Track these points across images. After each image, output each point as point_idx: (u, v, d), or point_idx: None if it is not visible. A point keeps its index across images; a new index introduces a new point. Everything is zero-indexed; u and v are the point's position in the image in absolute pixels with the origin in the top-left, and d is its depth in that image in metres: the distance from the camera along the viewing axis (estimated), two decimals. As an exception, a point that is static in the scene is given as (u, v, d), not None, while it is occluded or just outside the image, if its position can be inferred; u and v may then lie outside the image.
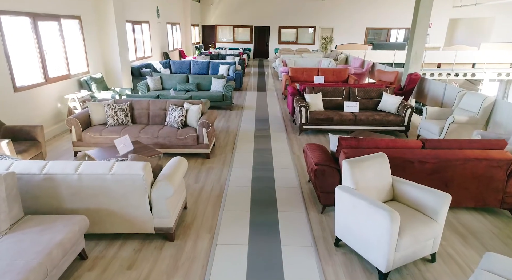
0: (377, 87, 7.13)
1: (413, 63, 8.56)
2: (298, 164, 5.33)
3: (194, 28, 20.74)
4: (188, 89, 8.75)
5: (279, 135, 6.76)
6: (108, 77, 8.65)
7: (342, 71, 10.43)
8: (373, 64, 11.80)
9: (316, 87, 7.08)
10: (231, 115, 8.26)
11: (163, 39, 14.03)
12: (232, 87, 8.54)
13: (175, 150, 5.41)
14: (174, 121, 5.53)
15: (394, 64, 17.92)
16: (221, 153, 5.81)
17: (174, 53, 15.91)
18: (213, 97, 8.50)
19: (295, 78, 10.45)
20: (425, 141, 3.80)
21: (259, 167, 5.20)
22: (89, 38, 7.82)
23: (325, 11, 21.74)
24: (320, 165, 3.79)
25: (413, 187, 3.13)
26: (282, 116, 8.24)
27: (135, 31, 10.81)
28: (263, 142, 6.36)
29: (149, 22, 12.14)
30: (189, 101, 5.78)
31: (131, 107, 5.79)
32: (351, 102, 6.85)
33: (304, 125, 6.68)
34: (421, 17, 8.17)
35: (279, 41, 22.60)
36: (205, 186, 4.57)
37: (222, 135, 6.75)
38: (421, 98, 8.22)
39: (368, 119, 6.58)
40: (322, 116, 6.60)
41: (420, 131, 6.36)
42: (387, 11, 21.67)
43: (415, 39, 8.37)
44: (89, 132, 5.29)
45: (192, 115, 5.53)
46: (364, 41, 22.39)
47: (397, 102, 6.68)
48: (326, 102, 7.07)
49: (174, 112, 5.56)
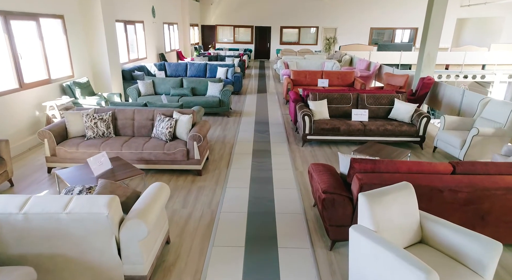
0: (388, 93, 6.48)
1: (426, 66, 7.91)
2: (302, 182, 4.69)
3: (193, 28, 20.13)
4: (183, 94, 8.12)
5: (280, 146, 6.12)
6: (96, 82, 8.02)
7: (347, 74, 9.78)
8: (380, 66, 11.14)
9: (321, 93, 6.43)
10: (228, 122, 7.62)
11: (159, 40, 13.42)
12: (229, 92, 7.91)
13: (162, 166, 4.78)
14: (162, 134, 4.90)
15: (400, 66, 17.27)
16: (215, 168, 5.17)
17: (171, 55, 15.29)
18: (209, 103, 7.87)
19: (298, 81, 9.81)
20: (456, 164, 3.15)
21: (257, 186, 4.56)
22: (74, 39, 7.20)
23: (328, 10, 21.09)
24: (329, 193, 3.15)
25: (450, 229, 2.48)
26: (284, 123, 7.60)
27: (127, 32, 10.19)
28: (262, 154, 5.72)
29: (143, 22, 11.52)
30: (179, 111, 5.15)
31: (114, 117, 5.16)
32: (359, 110, 6.20)
33: (307, 136, 6.04)
34: (435, 15, 7.51)
35: (280, 41, 21.96)
36: (194, 211, 3.93)
37: (218, 146, 6.11)
38: (435, 105, 7.56)
39: (378, 130, 5.93)
40: (328, 126, 5.96)
41: (437, 143, 5.71)
42: (392, 10, 20.99)
43: (428, 40, 7.71)
44: (64, 146, 4.66)
45: (181, 126, 4.90)
46: (369, 42, 21.73)
47: (411, 110, 6.03)
48: (331, 110, 6.42)
49: (161, 123, 4.93)
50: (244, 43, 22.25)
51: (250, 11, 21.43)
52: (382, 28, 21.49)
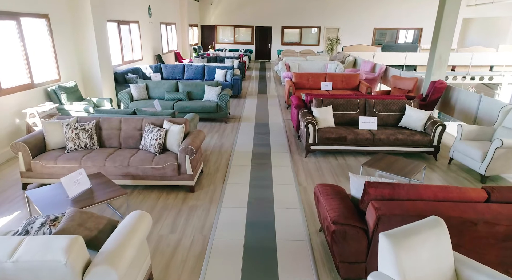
0: (399, 99, 5.99)
1: (437, 68, 7.41)
2: (306, 201, 4.20)
3: (192, 28, 19.66)
4: (178, 98, 7.64)
5: (282, 157, 5.64)
6: (85, 85, 7.55)
7: (352, 77, 9.29)
8: (386, 68, 10.65)
9: (326, 99, 5.94)
10: (226, 129, 7.14)
11: (156, 41, 12.95)
12: (227, 96, 7.42)
13: (150, 182, 4.30)
14: (150, 146, 4.42)
15: (404, 67, 16.77)
16: (209, 183, 4.69)
17: (169, 56, 14.82)
18: (205, 108, 7.39)
19: (300, 84, 9.32)
20: (491, 190, 2.66)
21: (256, 206, 4.07)
22: (60, 40, 6.73)
23: (330, 10, 20.59)
24: (340, 224, 2.66)
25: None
26: (285, 130, 7.11)
27: (121, 32, 9.72)
28: (262, 166, 5.24)
29: (139, 22, 11.05)
30: (170, 120, 4.67)
31: (98, 127, 4.68)
32: (367, 117, 5.71)
33: (311, 146, 5.55)
34: (448, 14, 7.02)
35: (282, 42, 21.48)
36: (183, 238, 3.44)
37: (214, 156, 5.63)
38: (447, 110, 7.07)
39: (389, 139, 5.44)
40: (334, 135, 5.47)
41: (454, 154, 5.22)
42: (396, 10, 20.48)
43: (440, 41, 7.21)
44: (41, 160, 4.18)
45: (172, 137, 4.42)
46: (372, 42, 21.22)
47: (424, 118, 5.53)
48: (337, 117, 5.93)
49: (150, 134, 4.45)
50: (244, 44, 21.77)
51: (251, 11, 20.95)
52: (385, 28, 20.99)
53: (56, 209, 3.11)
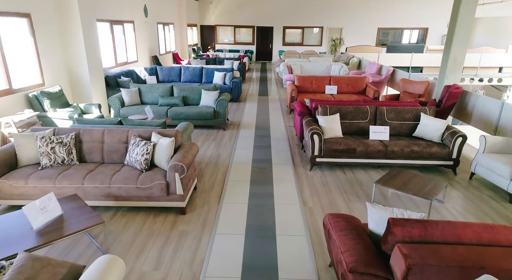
0: (413, 106, 5.46)
1: (451, 72, 6.87)
2: (312, 225, 3.68)
3: (192, 28, 19.16)
4: (172, 104, 7.13)
5: (284, 170, 5.12)
6: (73, 90, 7.04)
7: (358, 80, 8.76)
8: (393, 70, 10.11)
9: (332, 107, 5.42)
10: (224, 137, 6.62)
11: (152, 42, 12.44)
12: (226, 102, 6.90)
13: (136, 203, 3.78)
14: (136, 161, 3.90)
15: (410, 69, 16.22)
16: (203, 202, 4.17)
17: (167, 57, 14.31)
18: (202, 114, 6.87)
19: (303, 88, 8.80)
20: (549, 232, 2.13)
21: (255, 232, 3.55)
22: (44, 42, 6.22)
23: (333, 10, 20.06)
24: (359, 273, 2.14)
25: None
26: (288, 138, 6.59)
27: (114, 33, 9.21)
28: (262, 182, 4.72)
29: (133, 22, 10.54)
30: (160, 132, 4.15)
31: (78, 140, 4.17)
32: (378, 127, 5.19)
33: (316, 158, 5.03)
34: (464, 14, 6.48)
35: (283, 42, 20.95)
36: (169, 276, 2.92)
37: (209, 169, 5.11)
38: (463, 118, 6.53)
39: (403, 151, 4.91)
40: (342, 146, 4.94)
41: (476, 169, 4.69)
42: (401, 9, 19.93)
43: (455, 42, 6.68)
44: (9, 179, 3.66)
45: (161, 152, 3.90)
46: (376, 43, 20.69)
47: (441, 127, 5.00)
48: (345, 126, 5.40)
49: (136, 149, 3.93)
50: (245, 44, 21.26)
51: (252, 10, 20.44)
52: (390, 28, 20.44)
53: (14, 246, 2.60)
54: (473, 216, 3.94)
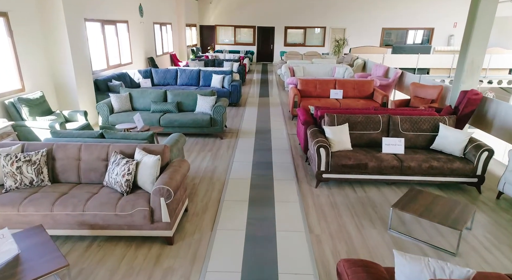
0: (430, 116, 4.91)
1: (468, 76, 6.32)
2: (320, 260, 3.14)
3: (191, 28, 18.63)
4: (166, 110, 6.60)
5: (287, 186, 4.58)
6: (58, 96, 6.51)
7: (365, 84, 8.21)
8: (402, 73, 9.56)
9: (340, 116, 4.87)
10: (221, 147, 6.08)
11: (148, 42, 11.91)
12: (223, 108, 6.37)
13: (115, 232, 3.25)
14: (116, 183, 3.37)
15: (417, 70, 15.67)
16: (194, 228, 3.63)
17: (164, 58, 13.79)
18: (198, 122, 6.33)
19: (306, 92, 8.25)
20: None
21: (252, 270, 3.01)
22: (24, 43, 5.69)
23: (336, 10, 19.51)
24: None
25: None
26: (290, 148, 6.05)
27: (105, 33, 8.68)
28: (262, 202, 4.18)
29: (127, 22, 10.01)
30: (145, 147, 3.62)
31: (51, 157, 3.64)
32: (392, 138, 4.64)
33: (323, 174, 4.49)
34: (483, 11, 5.93)
35: (285, 43, 20.41)
36: None
37: (204, 186, 4.58)
38: (483, 126, 5.98)
39: (421, 167, 4.36)
40: (351, 161, 4.40)
41: (505, 188, 4.14)
42: (406, 9, 19.36)
43: (472, 44, 6.13)
44: (-34, 206, 3.14)
45: (145, 172, 3.37)
46: (380, 43, 20.12)
47: (464, 140, 4.45)
48: (354, 137, 4.86)
49: (116, 168, 3.40)
50: (245, 45, 20.72)
51: (252, 10, 19.90)
52: (394, 28, 19.88)
53: None
54: (509, 248, 3.39)
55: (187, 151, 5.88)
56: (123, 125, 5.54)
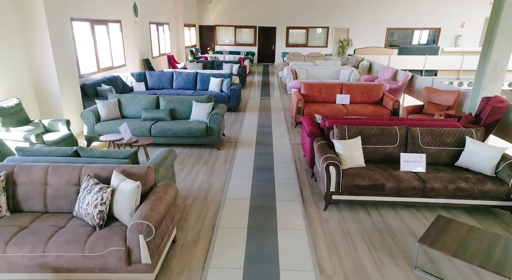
0: (454, 127, 4.33)
1: (490, 81, 5.73)
2: (334, 312, 2.56)
3: (190, 29, 18.07)
4: (158, 118, 6.03)
5: (292, 209, 4.00)
6: (40, 103, 5.95)
7: (374, 88, 7.62)
8: (412, 76, 8.97)
9: (352, 127, 4.29)
10: (217, 159, 5.51)
11: (143, 43, 11.35)
12: (220, 116, 5.79)
13: (83, 276, 2.68)
14: (87, 214, 2.80)
15: (424, 72, 15.07)
16: (182, 266, 3.05)
17: (161, 60, 13.23)
18: (192, 131, 5.76)
19: (311, 97, 7.67)
20: None
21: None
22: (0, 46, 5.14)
23: (339, 9, 18.92)
24: None
25: None
26: (294, 160, 5.47)
27: (95, 34, 8.12)
28: (263, 229, 3.60)
29: (120, 21, 9.45)
30: (124, 169, 3.05)
31: (11, 182, 3.07)
32: (412, 154, 4.06)
33: (333, 195, 3.91)
34: (509, 9, 5.34)
35: (286, 43, 19.83)
36: None
37: (196, 209, 4.01)
38: (508, 137, 5.39)
39: (446, 189, 3.78)
40: (366, 181, 3.82)
41: (546, 214, 3.55)
42: (412, 8, 18.76)
43: (496, 45, 5.54)
44: None
45: (122, 201, 2.79)
46: (385, 44, 19.53)
47: (496, 156, 3.86)
48: (368, 152, 4.28)
49: (87, 196, 2.83)
50: (246, 45, 20.15)
51: (253, 10, 19.33)
52: (400, 28, 19.27)
53: None
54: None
55: (179, 164, 5.31)
56: (108, 136, 4.97)
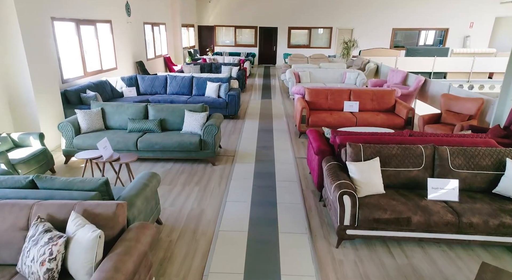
0: (488, 146, 3.66)
1: (521, 89, 5.06)
2: None
3: (188, 29, 17.42)
4: (146, 129, 5.38)
5: (297, 245, 3.34)
6: (13, 113, 5.31)
7: (386, 94, 6.96)
8: (425, 81, 8.30)
9: (368, 146, 3.63)
10: (212, 177, 4.85)
11: (137, 45, 10.70)
12: (216, 128, 5.14)
13: None
14: (32, 274, 2.14)
15: (432, 75, 14.39)
16: None
17: (156, 62, 12.58)
18: (184, 145, 5.11)
19: (316, 104, 7.01)
20: None
21: None
22: (-38, 49, 4.50)
23: (343, 9, 18.25)
24: None
25: None
26: (299, 179, 4.81)
27: (81, 35, 7.48)
28: (263, 275, 2.94)
29: (111, 21, 8.81)
30: (86, 209, 2.39)
31: None
32: (441, 180, 3.39)
33: (347, 230, 3.24)
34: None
35: (288, 44, 19.17)
36: None
37: (183, 245, 3.35)
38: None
39: (487, 225, 3.11)
40: (388, 214, 3.15)
41: None
42: (418, 8, 18.07)
43: (529, 49, 4.87)
44: None
45: (78, 256, 2.14)
46: (390, 45, 18.85)
47: (543, 184, 3.19)
48: (387, 175, 3.61)
49: (33, 249, 2.17)
50: (246, 46, 19.49)
51: (254, 9, 18.68)
52: (406, 29, 18.58)
53: None
54: None
55: (168, 184, 4.65)
56: (86, 153, 4.31)
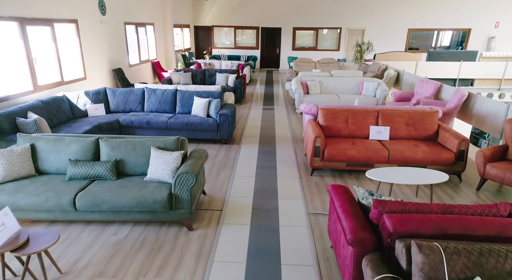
0: None
1: None
2: None
3: (182, 30, 15.79)
4: (95, 176, 3.72)
5: None
6: None
7: (426, 117, 5.27)
8: (469, 95, 6.60)
9: (454, 250, 1.93)
10: (186, 255, 3.18)
11: (115, 49, 9.06)
12: (193, 178, 3.48)
13: None
14: None
15: (458, 81, 12.66)
16: None
17: (141, 69, 10.93)
18: (146, 204, 3.44)
19: (333, 129, 5.34)
20: None
21: None
22: None
23: (353, 8, 16.55)
24: None
25: None
26: (316, 259, 3.14)
27: (27, 38, 5.84)
28: None
29: (77, 21, 7.17)
30: None
31: None
32: None
33: None
34: None
35: (293, 47, 17.49)
36: None
37: None
38: None
39: None
40: None
41: None
42: (436, 6, 16.34)
43: None
44: None
45: None
46: (405, 47, 17.13)
47: None
48: None
49: None
50: (247, 49, 17.84)
51: (256, 8, 17.00)
52: (423, 29, 16.85)
53: None
54: None
55: (112, 278, 2.99)
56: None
